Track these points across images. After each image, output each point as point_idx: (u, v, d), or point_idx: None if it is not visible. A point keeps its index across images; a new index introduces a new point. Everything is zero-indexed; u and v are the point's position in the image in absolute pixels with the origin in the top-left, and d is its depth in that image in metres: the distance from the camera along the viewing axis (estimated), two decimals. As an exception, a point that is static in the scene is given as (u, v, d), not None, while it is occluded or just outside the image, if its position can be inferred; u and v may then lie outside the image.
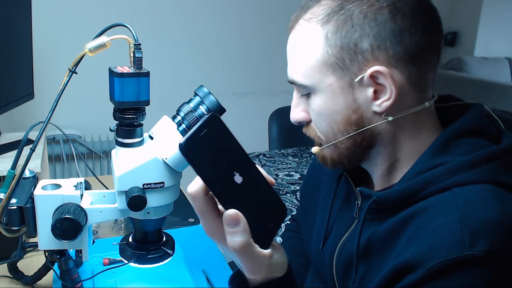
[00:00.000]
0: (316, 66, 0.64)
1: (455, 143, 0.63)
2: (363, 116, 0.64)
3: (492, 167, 0.60)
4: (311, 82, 0.65)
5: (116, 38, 0.65)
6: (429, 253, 0.55)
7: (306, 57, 0.64)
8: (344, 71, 0.62)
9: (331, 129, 0.66)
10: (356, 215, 0.72)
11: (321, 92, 0.65)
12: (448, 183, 0.59)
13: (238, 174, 0.49)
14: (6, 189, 0.73)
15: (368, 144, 0.66)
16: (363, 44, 0.61)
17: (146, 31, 2.55)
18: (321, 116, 0.66)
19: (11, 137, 1.70)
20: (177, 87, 2.64)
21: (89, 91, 2.33)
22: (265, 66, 2.97)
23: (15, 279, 0.92)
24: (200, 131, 0.47)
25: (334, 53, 0.62)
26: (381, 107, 0.63)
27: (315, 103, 0.66)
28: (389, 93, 0.62)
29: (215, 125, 0.49)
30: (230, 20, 2.86)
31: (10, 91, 1.67)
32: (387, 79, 0.61)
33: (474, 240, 0.53)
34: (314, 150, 0.70)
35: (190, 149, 0.47)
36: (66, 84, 0.66)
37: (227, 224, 0.50)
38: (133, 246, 0.75)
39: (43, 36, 2.18)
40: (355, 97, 0.63)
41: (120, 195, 0.69)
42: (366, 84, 0.62)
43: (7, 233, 0.76)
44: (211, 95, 0.68)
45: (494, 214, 0.54)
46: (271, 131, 2.40)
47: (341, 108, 0.64)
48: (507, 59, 3.98)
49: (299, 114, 0.70)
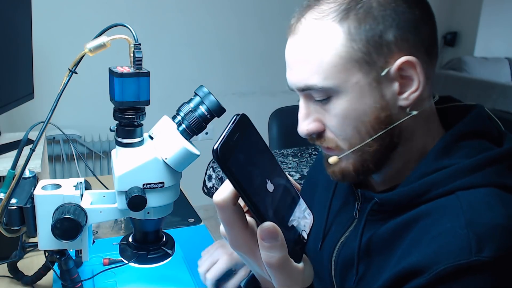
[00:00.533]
0: (340, 65, 0.59)
1: (458, 145, 0.62)
2: (391, 113, 0.61)
3: (495, 170, 0.59)
4: (334, 83, 0.60)
5: (116, 38, 0.65)
6: (436, 258, 0.54)
7: (326, 57, 0.60)
8: (371, 66, 0.59)
9: (358, 133, 0.62)
10: (356, 215, 0.72)
11: (346, 92, 0.60)
12: (452, 187, 0.59)
13: (269, 182, 0.45)
14: (6, 189, 0.73)
15: (394, 144, 0.64)
16: (388, 36, 0.59)
17: (146, 31, 2.55)
18: (346, 120, 0.61)
19: (11, 137, 1.70)
20: (177, 87, 2.64)
21: (89, 91, 2.33)
22: (265, 66, 2.97)
23: (15, 279, 0.92)
24: (233, 135, 0.42)
25: (360, 47, 0.59)
26: (409, 99, 0.61)
27: (338, 107, 0.61)
28: (416, 84, 0.61)
29: (246, 126, 0.44)
30: (230, 20, 2.86)
31: (10, 91, 1.67)
32: (416, 69, 0.60)
33: (481, 245, 0.52)
34: (332, 160, 0.64)
35: (225, 155, 0.40)
36: (66, 84, 0.66)
37: (264, 238, 0.45)
38: (133, 246, 0.75)
39: (43, 36, 2.18)
40: (382, 93, 0.60)
41: (120, 195, 0.69)
42: (392, 78, 0.60)
43: (7, 233, 0.76)
44: (211, 95, 0.68)
45: (500, 219, 0.54)
46: (271, 131, 2.40)
47: (369, 108, 0.60)
48: (507, 59, 3.98)
49: (311, 124, 0.64)
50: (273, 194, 0.45)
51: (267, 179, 0.44)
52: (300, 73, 0.62)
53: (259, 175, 0.44)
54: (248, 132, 0.44)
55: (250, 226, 0.48)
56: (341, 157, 0.64)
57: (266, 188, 0.44)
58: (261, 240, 0.45)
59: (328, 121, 0.63)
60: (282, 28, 0.68)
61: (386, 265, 0.61)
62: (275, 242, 0.45)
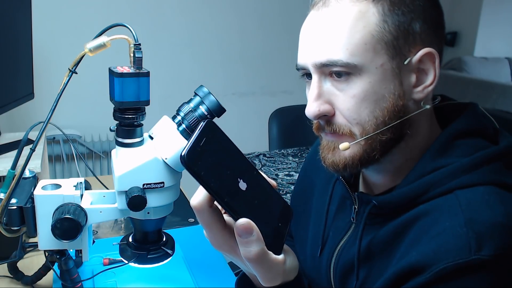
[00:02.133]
0: (370, 43, 0.58)
1: (455, 144, 0.62)
2: (407, 104, 0.61)
3: (493, 168, 0.59)
4: (360, 61, 0.58)
5: (116, 38, 0.65)
6: (435, 256, 0.54)
7: (357, 33, 0.58)
8: (397, 51, 0.59)
9: (374, 119, 0.60)
10: (353, 219, 0.71)
11: (369, 73, 0.59)
12: (450, 186, 0.59)
13: (242, 181, 0.47)
14: (6, 189, 0.73)
15: (401, 137, 0.63)
16: (415, 25, 0.59)
17: (146, 31, 2.55)
18: (364, 103, 0.59)
19: (11, 137, 1.70)
20: (177, 87, 2.64)
21: (89, 91, 2.33)
22: (265, 66, 2.97)
23: (15, 279, 0.92)
24: (200, 140, 0.45)
25: (390, 30, 0.59)
26: (423, 93, 0.61)
27: (357, 87, 0.59)
28: (431, 78, 0.61)
29: (212, 132, 0.47)
30: (230, 20, 2.86)
31: (10, 91, 1.67)
32: (434, 63, 0.60)
33: (481, 244, 0.52)
34: (343, 146, 0.61)
35: (192, 161, 0.43)
36: (66, 84, 0.66)
37: (240, 234, 0.47)
38: (133, 246, 0.75)
39: (43, 36, 2.18)
40: (402, 81, 0.60)
41: (120, 195, 0.69)
42: (411, 68, 0.60)
43: (7, 233, 0.76)
44: (211, 95, 0.68)
45: (499, 217, 0.54)
46: (271, 131, 2.40)
47: (388, 94, 0.60)
48: (507, 59, 3.98)
49: (323, 106, 0.62)
50: (246, 192, 0.47)
51: (238, 178, 0.47)
52: (325, 47, 0.60)
53: (230, 176, 0.46)
54: (215, 137, 0.47)
55: (229, 226, 0.51)
56: (356, 143, 0.61)
57: (238, 187, 0.46)
58: (238, 237, 0.48)
59: (342, 103, 0.61)
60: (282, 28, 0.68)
61: (387, 267, 0.61)
62: (250, 237, 0.47)
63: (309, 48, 0.62)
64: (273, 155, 2.37)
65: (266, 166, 2.25)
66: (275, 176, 2.16)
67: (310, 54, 0.62)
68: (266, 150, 2.43)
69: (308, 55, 0.62)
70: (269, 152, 2.40)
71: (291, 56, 0.66)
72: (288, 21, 2.83)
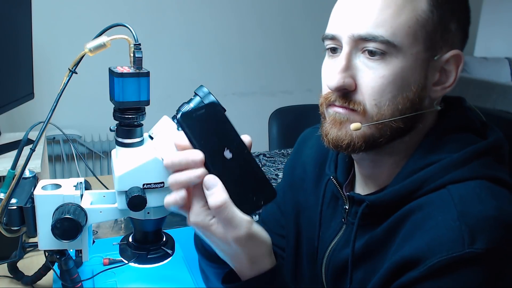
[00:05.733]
0: (413, 27, 0.58)
1: (445, 140, 0.63)
2: (424, 99, 0.61)
3: (483, 162, 0.60)
4: (400, 42, 0.58)
5: (116, 38, 0.65)
6: (429, 250, 0.54)
7: (404, 14, 0.58)
8: (432, 44, 0.59)
9: (393, 104, 0.59)
10: (344, 220, 0.71)
11: (404, 58, 0.58)
12: (442, 181, 0.59)
13: (228, 151, 0.53)
14: (6, 189, 0.73)
15: (410, 130, 0.63)
16: (453, 25, 0.60)
17: (146, 31, 2.55)
18: (390, 85, 0.59)
19: (11, 137, 1.70)
20: (177, 87, 2.64)
21: (89, 91, 2.33)
22: (265, 66, 2.97)
23: (15, 279, 0.92)
24: (198, 110, 0.53)
25: (434, 21, 0.58)
26: (441, 93, 0.62)
27: (390, 69, 0.58)
28: (451, 80, 0.62)
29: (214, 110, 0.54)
30: (230, 20, 2.86)
31: (10, 91, 1.67)
32: (459, 66, 0.61)
33: (474, 237, 0.53)
34: (354, 126, 0.60)
35: (185, 120, 0.52)
36: (66, 84, 0.66)
37: (206, 187, 0.51)
38: (133, 246, 0.75)
39: (43, 36, 2.18)
40: (427, 76, 0.60)
41: (120, 195, 0.69)
42: (438, 66, 0.61)
43: (7, 233, 0.76)
44: (211, 95, 0.68)
45: (491, 211, 0.54)
46: (271, 131, 2.40)
47: (414, 83, 0.59)
48: (507, 59, 3.98)
49: (347, 79, 0.60)
50: (229, 161, 0.53)
51: (226, 148, 0.53)
52: (368, 19, 0.58)
53: (217, 143, 0.52)
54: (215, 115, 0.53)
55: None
56: (368, 125, 0.60)
57: (222, 154, 0.52)
58: (206, 190, 0.51)
59: (368, 81, 0.59)
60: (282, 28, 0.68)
61: (382, 264, 0.61)
62: (215, 188, 0.51)
63: (349, 19, 0.60)
64: (273, 155, 2.37)
65: (266, 166, 2.25)
66: (275, 176, 2.15)
67: (348, 25, 0.60)
68: (266, 150, 2.43)
69: (346, 25, 0.60)
70: (269, 152, 2.40)
71: (291, 56, 0.66)
72: (288, 21, 2.83)
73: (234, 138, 0.54)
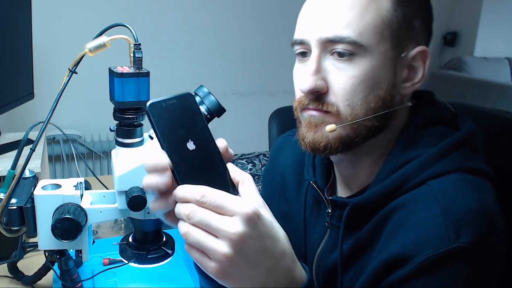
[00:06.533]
0: (379, 27, 0.59)
1: (420, 135, 0.63)
2: (395, 96, 0.62)
3: (460, 154, 0.61)
4: (367, 42, 0.58)
5: (116, 38, 0.65)
6: (416, 248, 0.54)
7: (370, 14, 0.58)
8: (399, 42, 0.60)
9: (366, 103, 0.60)
10: (327, 224, 0.71)
11: (372, 57, 0.59)
12: (422, 177, 0.59)
13: (192, 143, 0.52)
14: (6, 189, 0.73)
15: (384, 127, 0.63)
16: (416, 22, 0.61)
17: (146, 31, 2.55)
18: (360, 85, 0.59)
19: (11, 137, 1.70)
20: (177, 87, 2.63)
21: (89, 91, 2.33)
22: (265, 66, 2.97)
23: (15, 279, 0.92)
24: (169, 101, 0.52)
25: (398, 20, 0.59)
26: (410, 89, 0.63)
27: (359, 69, 0.59)
28: (420, 76, 0.63)
29: (186, 101, 0.53)
30: (230, 20, 2.86)
31: (10, 91, 1.67)
32: (426, 62, 0.62)
33: (459, 232, 0.53)
34: (329, 128, 0.60)
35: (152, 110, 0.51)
36: (66, 84, 0.66)
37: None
38: (133, 246, 0.75)
39: (43, 36, 2.18)
40: (396, 73, 0.61)
41: (120, 195, 0.69)
42: (405, 63, 0.62)
43: (7, 233, 0.76)
44: (211, 95, 0.68)
45: (473, 204, 0.55)
46: (271, 131, 2.39)
47: (383, 82, 0.60)
48: (507, 59, 3.98)
49: (320, 81, 0.60)
50: (191, 151, 0.52)
51: (190, 139, 0.52)
52: (334, 22, 0.59)
53: (182, 133, 0.52)
54: (186, 105, 0.53)
55: None
56: (342, 126, 0.61)
57: (185, 144, 0.52)
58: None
59: (339, 82, 0.60)
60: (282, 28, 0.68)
61: (369, 264, 0.61)
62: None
63: (315, 23, 0.61)
64: (273, 155, 2.37)
65: (266, 166, 2.25)
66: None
67: (316, 28, 0.60)
68: (266, 150, 2.43)
69: (313, 29, 0.61)
70: (269, 152, 2.40)
71: (291, 56, 0.66)
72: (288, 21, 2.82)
73: (201, 131, 0.54)
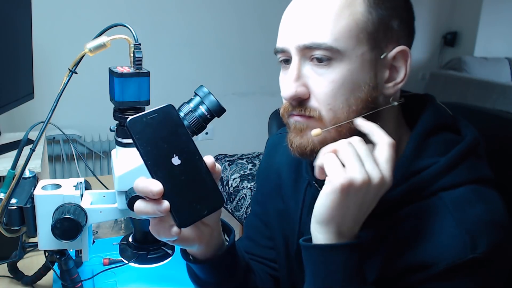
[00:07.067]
0: (354, 31, 0.59)
1: (427, 143, 0.64)
2: (378, 97, 0.62)
3: (468, 165, 0.62)
4: (343, 47, 0.59)
5: (116, 38, 0.65)
6: (434, 258, 0.57)
7: (343, 19, 0.59)
8: (376, 44, 0.60)
9: (347, 106, 0.61)
10: None
11: (350, 61, 0.60)
12: (434, 188, 0.61)
13: (177, 157, 0.51)
14: (6, 189, 0.73)
15: None
16: (394, 23, 0.61)
17: (146, 31, 2.55)
18: (340, 89, 0.60)
19: (11, 137, 1.69)
20: (177, 87, 2.64)
21: (89, 91, 2.33)
22: (265, 66, 2.97)
23: (15, 279, 0.92)
24: (150, 115, 0.50)
25: (374, 22, 0.60)
26: (394, 89, 0.63)
27: (338, 73, 0.60)
28: (402, 76, 0.63)
29: (167, 114, 0.52)
30: (230, 20, 2.86)
31: (10, 91, 1.67)
32: (407, 61, 0.62)
33: (475, 243, 0.55)
34: (315, 132, 0.61)
35: (133, 126, 0.50)
36: (66, 84, 0.66)
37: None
38: (133, 246, 0.75)
39: (43, 36, 2.18)
40: (377, 74, 0.62)
41: (120, 195, 0.69)
42: (385, 64, 0.62)
43: (7, 233, 0.76)
44: (211, 95, 0.68)
45: (484, 215, 0.57)
46: (271, 131, 2.39)
47: (364, 84, 0.60)
48: (507, 59, 3.98)
49: (300, 88, 0.62)
50: (176, 167, 0.51)
51: (174, 154, 0.51)
52: (310, 29, 0.60)
53: (166, 149, 0.51)
54: (167, 118, 0.52)
55: None
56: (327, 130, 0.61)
57: (170, 160, 0.51)
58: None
59: (319, 87, 0.61)
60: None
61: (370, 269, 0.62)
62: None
63: (293, 31, 0.62)
64: (273, 155, 2.36)
65: (266, 166, 2.25)
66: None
67: (294, 36, 0.62)
68: (266, 150, 2.43)
69: (292, 37, 0.62)
70: (269, 152, 2.39)
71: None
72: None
73: (185, 144, 0.52)
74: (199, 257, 0.65)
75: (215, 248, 0.65)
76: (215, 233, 0.63)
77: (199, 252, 0.64)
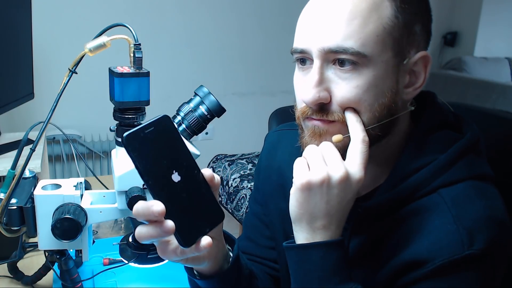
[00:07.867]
0: (381, 36, 0.58)
1: (427, 140, 0.64)
2: (398, 103, 0.62)
3: (467, 162, 0.62)
4: (369, 52, 0.57)
5: (116, 38, 0.65)
6: (430, 254, 0.57)
7: (371, 24, 0.57)
8: (400, 49, 0.59)
9: (371, 113, 0.60)
10: None
11: (375, 66, 0.58)
12: (433, 186, 0.61)
13: (177, 174, 0.49)
14: (6, 189, 0.73)
15: (387, 134, 0.63)
16: (417, 27, 0.61)
17: (146, 31, 2.55)
18: (365, 95, 0.59)
19: (11, 137, 1.69)
20: (177, 87, 2.64)
21: (89, 91, 2.33)
22: (265, 66, 2.97)
23: (15, 279, 0.92)
24: (146, 128, 0.48)
25: (400, 27, 0.58)
26: (412, 94, 0.63)
27: (363, 78, 0.58)
28: (421, 81, 0.63)
29: (164, 126, 0.50)
30: (230, 20, 2.86)
31: (10, 91, 1.67)
32: (427, 66, 0.62)
33: (472, 239, 0.55)
34: (336, 138, 0.60)
35: (131, 143, 0.47)
36: (66, 84, 0.66)
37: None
38: (133, 246, 0.75)
39: (43, 36, 2.18)
40: (398, 80, 0.61)
41: (120, 195, 0.69)
42: (407, 69, 0.61)
43: (7, 233, 0.76)
44: (211, 95, 0.68)
45: (483, 211, 0.57)
46: (271, 131, 2.40)
47: (387, 90, 0.59)
48: (507, 59, 3.97)
49: (323, 92, 0.60)
50: (177, 184, 0.49)
51: (174, 170, 0.49)
52: (336, 32, 0.58)
53: (165, 165, 0.49)
54: (165, 131, 0.49)
55: None
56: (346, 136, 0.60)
57: (170, 177, 0.49)
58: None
59: (342, 92, 0.59)
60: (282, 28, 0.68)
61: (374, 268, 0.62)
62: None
63: (317, 32, 0.59)
64: (273, 155, 2.36)
65: (266, 166, 2.24)
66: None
67: (317, 38, 0.59)
68: (266, 150, 2.43)
69: (314, 39, 0.59)
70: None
71: (291, 56, 0.65)
72: (288, 21, 2.82)
73: (184, 158, 0.50)
74: (205, 273, 0.64)
75: (221, 261, 0.64)
76: (220, 245, 0.62)
77: (206, 268, 0.63)
